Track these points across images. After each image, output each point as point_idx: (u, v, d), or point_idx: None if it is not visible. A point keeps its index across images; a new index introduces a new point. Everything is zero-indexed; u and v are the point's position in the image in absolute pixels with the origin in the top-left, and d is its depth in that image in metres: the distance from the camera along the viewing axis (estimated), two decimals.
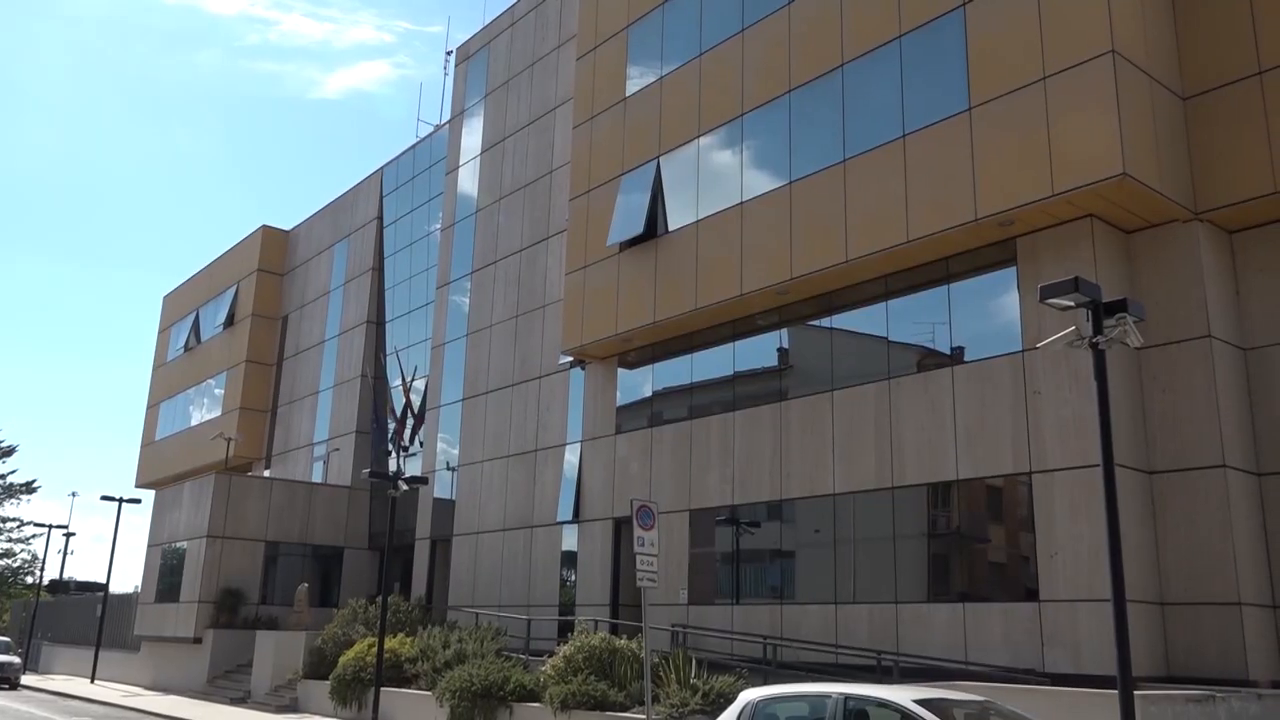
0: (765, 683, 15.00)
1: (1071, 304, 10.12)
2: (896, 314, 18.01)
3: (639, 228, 22.10)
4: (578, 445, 24.53)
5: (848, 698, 8.98)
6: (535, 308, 26.84)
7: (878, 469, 17.71)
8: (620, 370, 23.85)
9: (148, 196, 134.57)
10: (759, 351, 20.62)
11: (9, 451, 67.25)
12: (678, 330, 21.83)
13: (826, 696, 9.12)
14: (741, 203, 20.12)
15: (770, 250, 19.23)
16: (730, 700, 13.80)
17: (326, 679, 23.33)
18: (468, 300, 29.87)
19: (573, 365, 25.19)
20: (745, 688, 12.65)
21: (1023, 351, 16.04)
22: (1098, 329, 10.16)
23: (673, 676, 16.21)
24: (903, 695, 8.82)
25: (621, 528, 22.77)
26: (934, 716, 8.36)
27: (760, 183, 19.82)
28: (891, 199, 17.26)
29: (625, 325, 22.26)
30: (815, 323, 19.61)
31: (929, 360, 17.51)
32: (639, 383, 23.53)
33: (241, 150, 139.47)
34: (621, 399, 23.71)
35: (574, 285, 23.94)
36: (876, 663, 16.18)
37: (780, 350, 20.28)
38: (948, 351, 17.21)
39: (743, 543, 20.21)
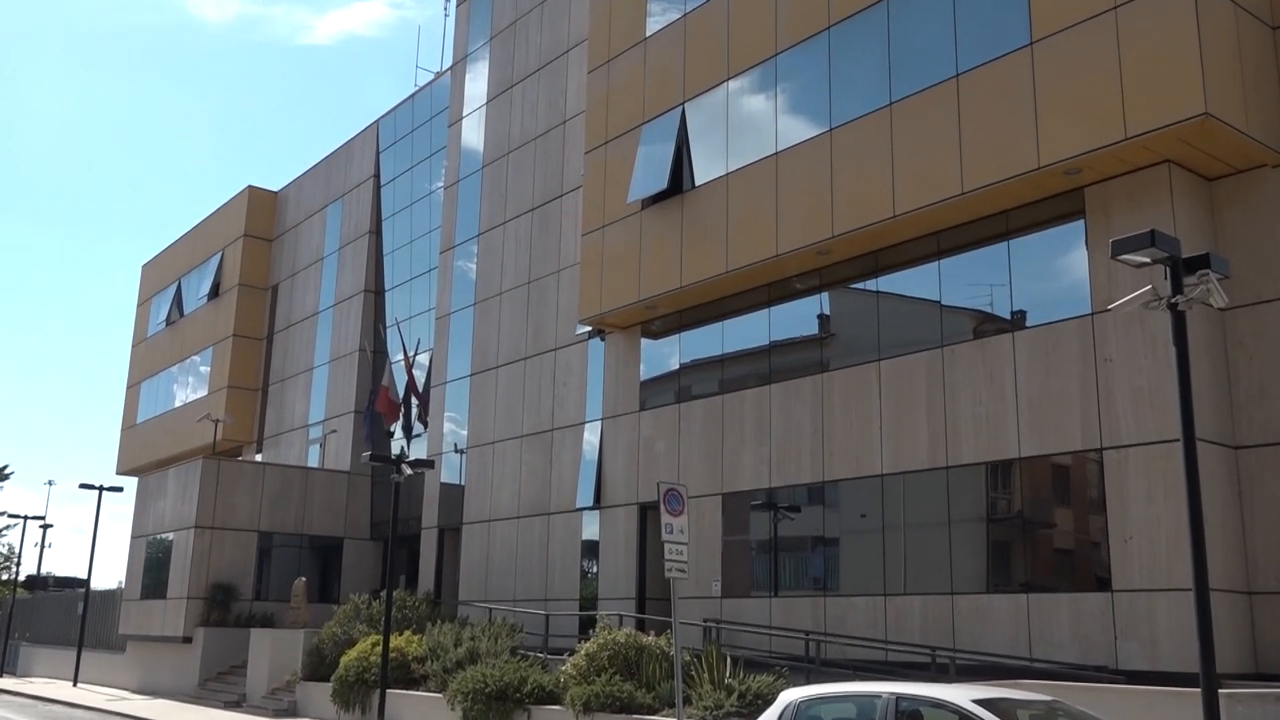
0: (807, 682, 15.06)
1: (1147, 260, 9.99)
2: (950, 274, 17.91)
3: (662, 182, 22.03)
4: (598, 424, 24.59)
5: (899, 698, 8.97)
6: (549, 273, 26.85)
7: (930, 447, 17.67)
8: (644, 340, 23.86)
9: (121, 156, 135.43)
10: (797, 318, 20.57)
11: None
12: (707, 295, 21.80)
13: (876, 697, 9.12)
14: (776, 153, 20.00)
15: (808, 206, 19.13)
16: (769, 701, 13.83)
17: (327, 681, 23.62)
18: (475, 266, 29.90)
19: (591, 336, 25.21)
20: (786, 687, 12.69)
21: (1092, 314, 15.90)
22: (1177, 288, 10.04)
23: (705, 676, 16.30)
24: (960, 695, 8.82)
25: (648, 514, 22.86)
26: (995, 718, 8.36)
27: (796, 131, 19.69)
28: (943, 146, 17.10)
29: (649, 291, 22.24)
30: (859, 285, 19.52)
31: (987, 325, 17.41)
32: (665, 354, 23.53)
33: (224, 103, 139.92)
34: (645, 372, 23.74)
35: (591, 247, 23.93)
36: (931, 660, 16.21)
37: (821, 316, 20.23)
38: (1007, 316, 17.11)
39: (781, 529, 20.26)
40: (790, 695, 9.83)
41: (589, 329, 25.07)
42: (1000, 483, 16.99)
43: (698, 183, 21.65)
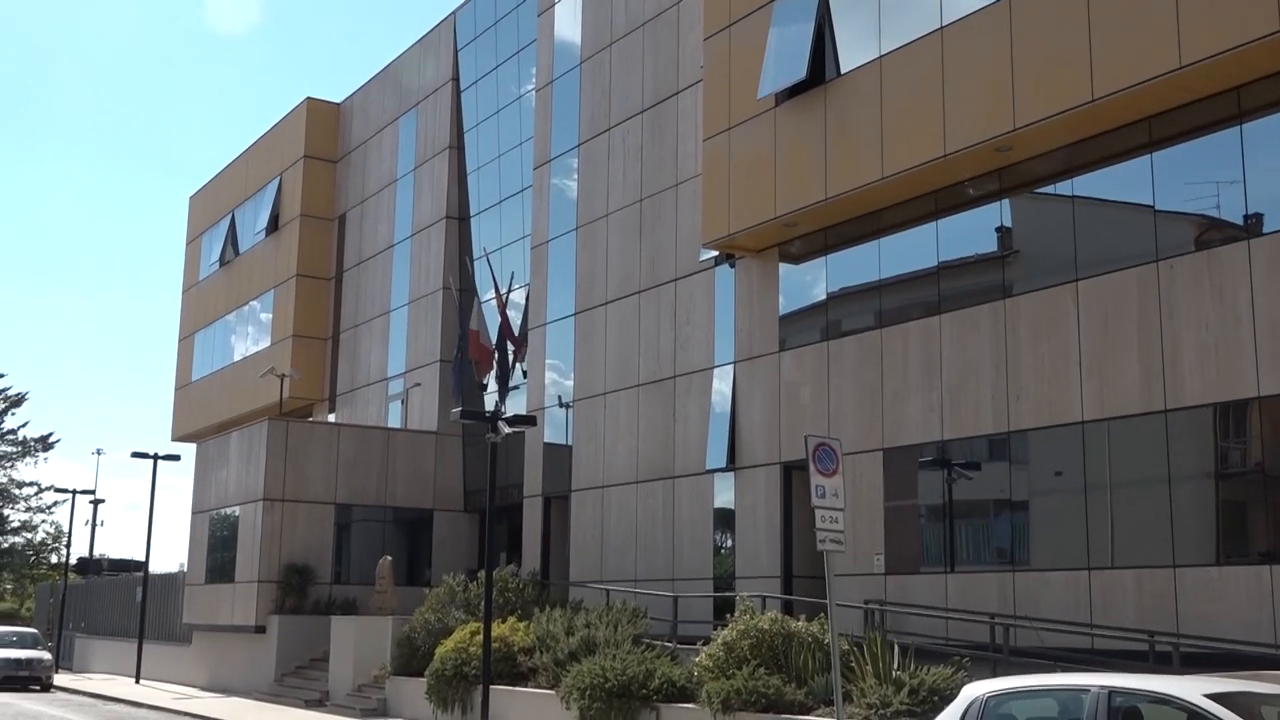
0: (994, 674, 14.93)
1: None
2: (1165, 171, 17.46)
3: (800, 72, 21.78)
4: (729, 368, 24.62)
5: (1113, 692, 8.85)
6: (665, 188, 26.81)
7: (1143, 386, 17.31)
8: (782, 266, 23.74)
9: (161, 73, 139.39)
10: (972, 232, 20.27)
11: (18, 400, 71.88)
12: (859, 208, 21.57)
13: (1083, 691, 9.01)
14: (941, 28, 19.59)
15: (983, 93, 18.74)
16: (948, 698, 13.81)
17: (421, 675, 24.36)
18: (575, 183, 30.00)
19: (718, 262, 25.19)
20: (968, 681, 12.61)
21: None
22: None
23: (868, 668, 16.30)
24: (1189, 688, 8.67)
25: (793, 475, 22.89)
26: (1235, 715, 8.18)
27: None
28: (1154, 10, 16.49)
29: (787, 205, 22.08)
30: (1049, 189, 19.15)
31: (1213, 233, 16.96)
32: (808, 281, 23.35)
33: (273, 2, 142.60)
34: (785, 304, 23.63)
35: (716, 155, 23.79)
36: (1148, 647, 16.00)
37: (1001, 230, 19.92)
38: (1239, 220, 16.64)
39: (956, 491, 20.13)
40: (976, 690, 9.79)
41: (715, 254, 25.04)
42: (1233, 428, 16.64)
43: (844, 70, 21.34)
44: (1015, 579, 18.65)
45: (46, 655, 38.07)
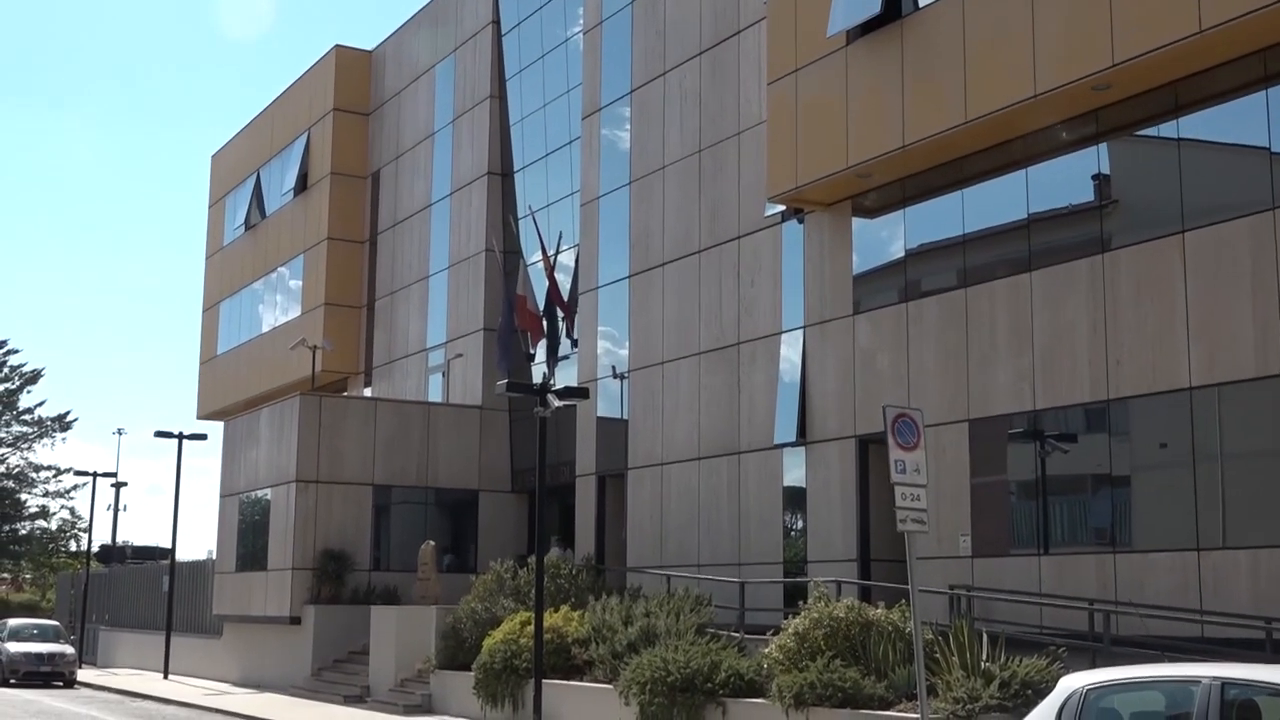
0: (1094, 665, 14.89)
1: None
2: None
3: (874, 6, 21.65)
4: (799, 334, 24.58)
5: (1226, 684, 8.82)
6: (726, 137, 26.73)
7: (1259, 347, 17.14)
8: (856, 220, 23.65)
9: (178, 22, 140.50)
10: (1065, 180, 20.13)
11: (33, 377, 73.14)
12: (939, 156, 21.44)
13: (1193, 683, 8.99)
14: None
15: (1077, 24, 18.53)
16: (1042, 690, 13.78)
17: (468, 669, 24.61)
18: (628, 133, 29.95)
19: (786, 217, 25.12)
20: (1066, 672, 12.58)
21: None
22: None
23: (955, 659, 16.32)
24: None
25: (869, 450, 22.85)
26: None
27: None
28: None
29: (861, 154, 21.97)
30: (1151, 131, 18.96)
31: None
32: (885, 237, 23.24)
33: None
34: (860, 263, 23.55)
35: (782, 99, 23.69)
36: (1265, 634, 15.88)
37: (1098, 177, 19.74)
38: None
39: (1050, 465, 20.04)
40: (1074, 682, 9.77)
41: (782, 208, 24.97)
42: None
43: (921, 3, 21.18)
44: (1116, 561, 18.54)
45: (70, 649, 38.85)
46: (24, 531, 74.04)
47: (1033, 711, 10.13)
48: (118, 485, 60.89)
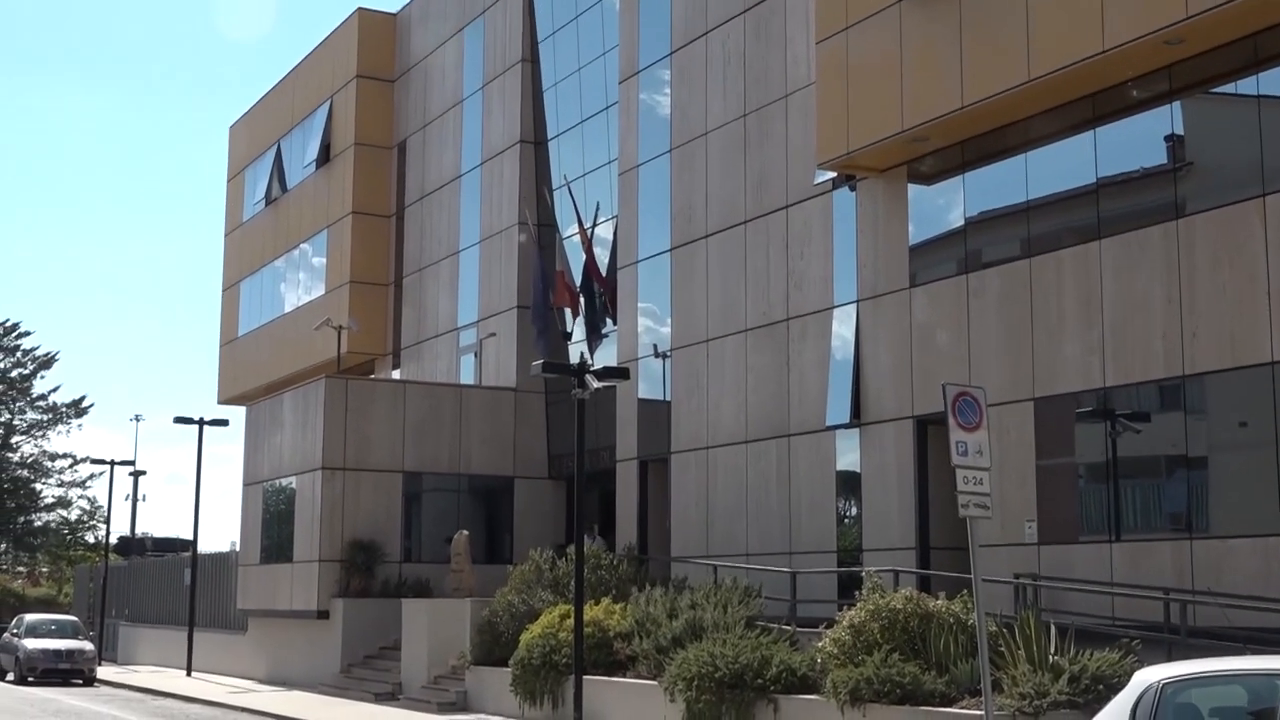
0: (1170, 658, 14.80)
1: None
2: None
3: None
4: (851, 308, 24.54)
5: None
6: (773, 100, 26.65)
7: None
8: (912, 187, 23.58)
9: None
10: (1136, 142, 20.03)
11: (47, 361, 73.97)
12: (1001, 117, 21.35)
13: (1278, 676, 8.94)
14: None
15: None
16: (1116, 686, 13.71)
17: (505, 665, 24.74)
18: (668, 97, 29.88)
19: (837, 185, 25.05)
20: (1140, 666, 12.52)
21: None
22: None
23: (1021, 653, 16.27)
24: None
25: (928, 431, 22.81)
26: None
27: None
28: None
29: (916, 116, 21.87)
30: (1229, 88, 18.83)
31: None
32: (942, 205, 23.14)
33: None
34: (916, 232, 23.47)
35: (832, 59, 23.61)
36: None
37: (1172, 138, 19.64)
38: None
39: (1122, 446, 19.96)
40: (1149, 676, 9.73)
41: (832, 176, 24.89)
42: None
43: None
44: (1193, 548, 18.46)
45: (89, 646, 39.31)
46: (40, 523, 74.95)
47: (1105, 708, 10.10)
48: (136, 474, 61.64)
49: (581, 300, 32.35)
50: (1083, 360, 20.22)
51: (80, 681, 37.55)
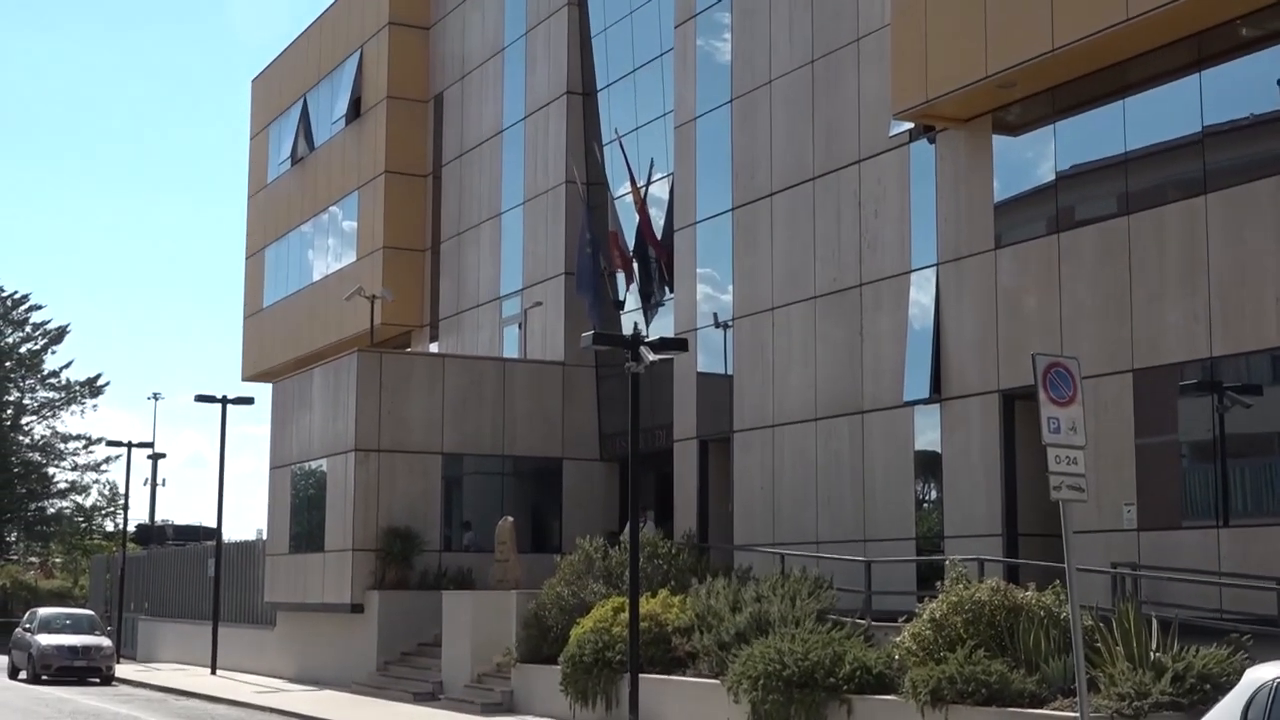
0: None
1: None
2: None
3: None
4: (931, 272, 24.46)
5: None
6: (843, 44, 26.53)
7: None
8: (997, 139, 23.49)
9: None
10: (1247, 85, 19.82)
11: (59, 336, 74.89)
12: (1097, 60, 21.18)
13: None
14: None
15: None
16: (1224, 686, 13.68)
17: (554, 662, 24.88)
18: (728, 43, 29.78)
19: (914, 137, 24.96)
20: (1251, 663, 12.45)
21: None
22: None
23: (1119, 649, 16.23)
24: None
25: (1015, 407, 22.74)
26: None
27: None
28: None
29: (1002, 60, 21.72)
30: None
31: None
32: (1031, 158, 23.05)
33: None
34: (1002, 188, 23.38)
35: None
36: None
37: None
38: None
39: (1230, 422, 19.85)
40: (1262, 674, 9.75)
41: (909, 127, 24.80)
42: None
43: None
44: None
45: (106, 642, 39.82)
46: (53, 510, 75.79)
47: (1213, 709, 10.11)
48: (155, 457, 62.26)
49: (635, 266, 32.36)
50: (1187, 328, 20.06)
51: (97, 680, 38.05)
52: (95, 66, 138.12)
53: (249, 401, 41.83)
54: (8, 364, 73.68)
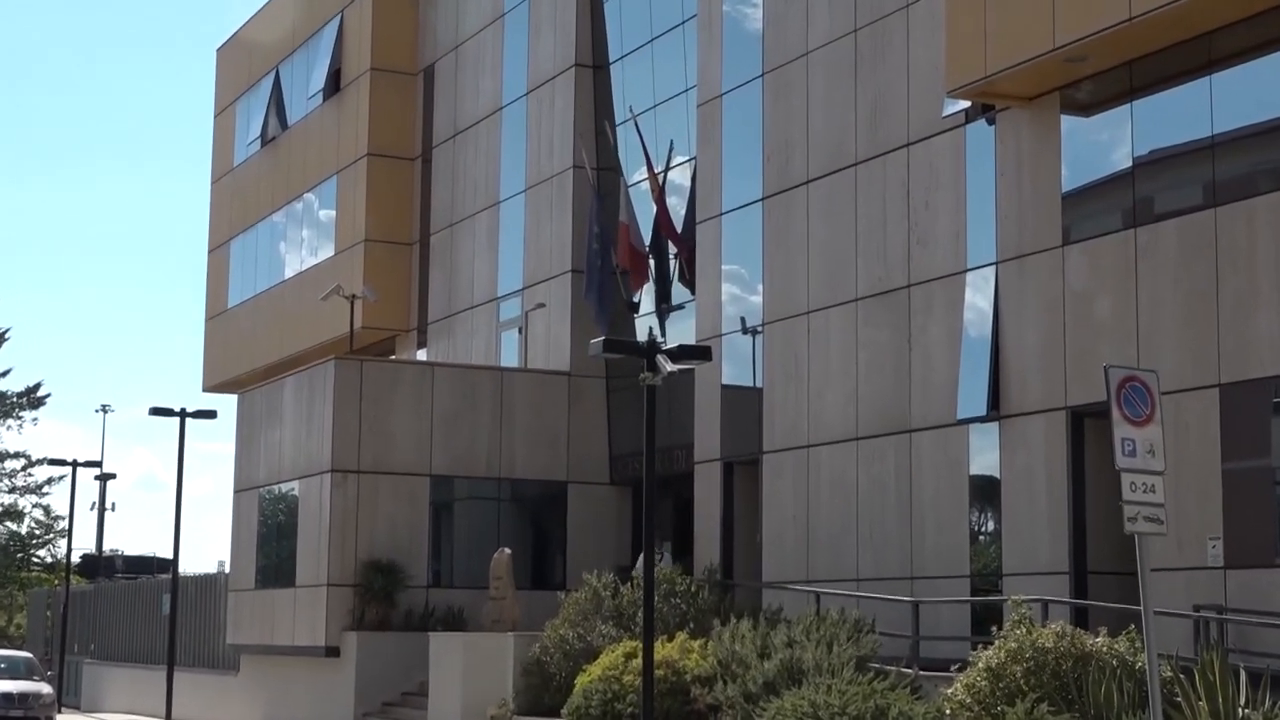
0: None
1: None
2: None
3: None
4: (989, 271, 24.48)
5: None
6: (891, 10, 26.56)
7: None
8: (1066, 120, 23.52)
9: None
10: None
11: None
12: (1178, 31, 21.18)
13: None
14: None
15: None
16: None
17: (556, 715, 24.81)
18: (759, 9, 29.83)
19: (971, 117, 24.97)
20: None
21: None
22: None
23: (1202, 704, 16.18)
24: None
25: (1084, 426, 22.73)
26: None
27: None
28: None
29: (1071, 30, 21.72)
30: None
31: None
32: (1105, 142, 23.07)
33: None
34: (1071, 177, 23.39)
35: None
36: None
37: None
38: None
39: None
40: None
41: (966, 106, 24.84)
42: None
43: None
44: None
45: (46, 688, 39.82)
46: None
47: None
48: (103, 477, 62.09)
49: (651, 263, 32.34)
50: None
51: None
52: (28, 23, 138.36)
53: (211, 415, 41.75)
54: None
